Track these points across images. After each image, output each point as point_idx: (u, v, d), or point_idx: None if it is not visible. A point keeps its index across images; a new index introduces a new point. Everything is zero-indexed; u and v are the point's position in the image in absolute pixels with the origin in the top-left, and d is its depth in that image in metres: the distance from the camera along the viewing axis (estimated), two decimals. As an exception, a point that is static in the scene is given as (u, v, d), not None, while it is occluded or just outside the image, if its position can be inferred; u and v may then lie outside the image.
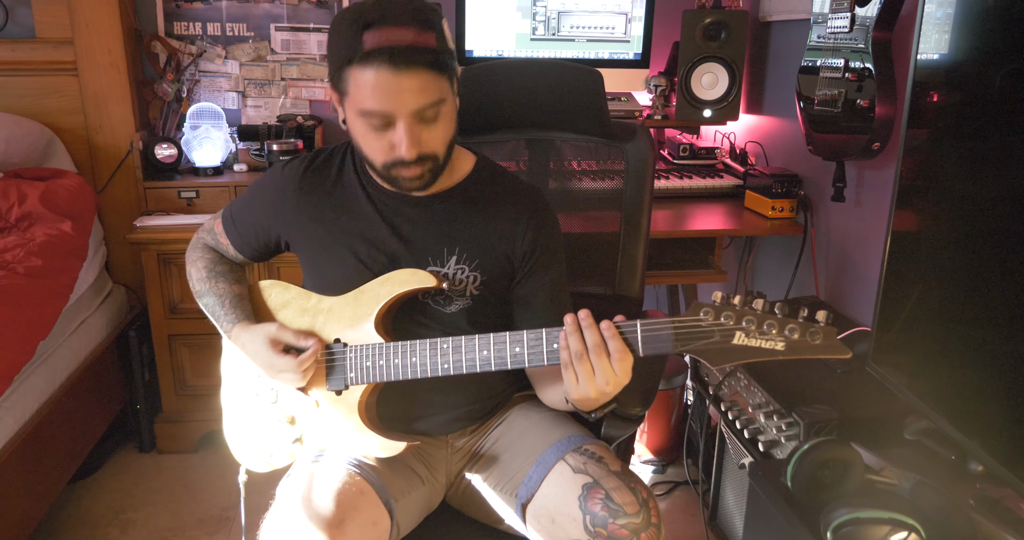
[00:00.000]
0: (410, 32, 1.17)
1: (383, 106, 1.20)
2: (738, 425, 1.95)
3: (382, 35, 1.16)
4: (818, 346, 1.07)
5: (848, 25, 1.96)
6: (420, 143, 1.24)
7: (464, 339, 1.27)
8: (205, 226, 1.57)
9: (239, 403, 1.52)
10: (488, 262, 1.40)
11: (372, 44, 1.16)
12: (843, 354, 1.07)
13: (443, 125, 1.27)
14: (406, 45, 1.17)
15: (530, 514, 1.36)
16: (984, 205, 1.31)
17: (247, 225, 1.49)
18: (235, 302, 1.46)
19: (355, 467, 1.32)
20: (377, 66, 1.17)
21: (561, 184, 1.84)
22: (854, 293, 2.23)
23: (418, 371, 1.30)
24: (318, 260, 1.43)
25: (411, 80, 1.19)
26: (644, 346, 1.15)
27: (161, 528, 2.28)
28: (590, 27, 2.74)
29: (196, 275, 1.52)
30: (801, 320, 1.08)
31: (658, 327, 1.14)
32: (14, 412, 1.94)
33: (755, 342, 1.09)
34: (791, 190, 2.38)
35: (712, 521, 2.21)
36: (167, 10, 2.79)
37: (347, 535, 1.22)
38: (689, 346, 1.12)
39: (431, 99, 1.21)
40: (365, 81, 1.19)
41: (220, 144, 2.73)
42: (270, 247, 1.51)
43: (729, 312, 1.10)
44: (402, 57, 1.16)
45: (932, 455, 1.52)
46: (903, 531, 1.26)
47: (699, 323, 1.11)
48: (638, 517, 1.25)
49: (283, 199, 1.43)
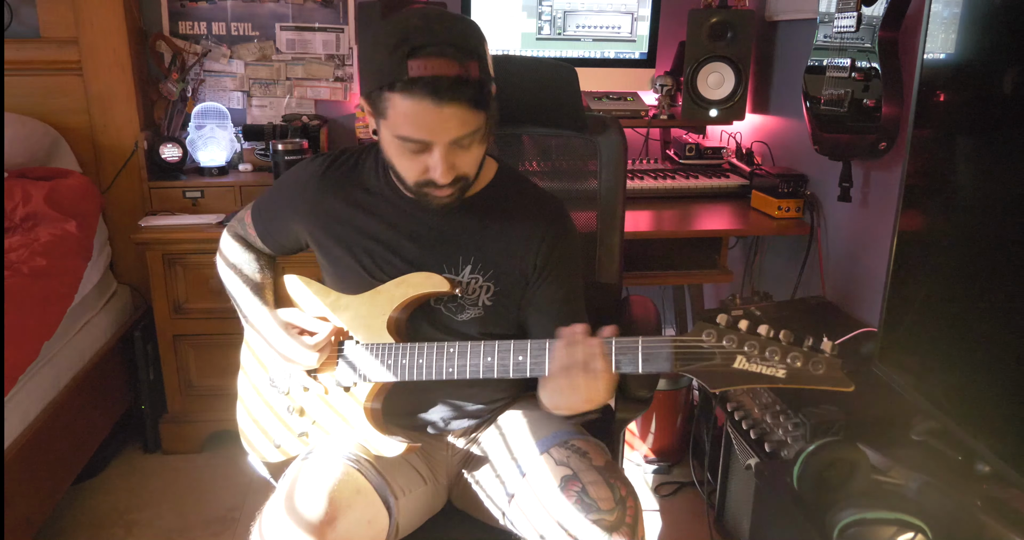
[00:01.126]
0: (455, 64, 1.15)
1: (422, 135, 1.21)
2: (744, 426, 1.94)
3: (427, 66, 1.15)
4: (820, 377, 1.06)
5: (855, 24, 1.95)
6: (455, 168, 1.26)
7: (470, 345, 1.29)
8: (238, 215, 1.61)
9: (254, 390, 1.54)
10: (502, 273, 1.41)
11: (416, 73, 1.15)
12: (845, 387, 1.06)
13: (477, 150, 1.28)
14: (451, 78, 1.15)
15: (513, 507, 1.37)
16: (991, 205, 1.30)
17: (271, 218, 1.53)
18: (257, 290, 1.50)
19: (354, 464, 1.33)
20: (420, 97, 1.16)
21: (538, 179, 1.84)
22: (860, 293, 2.22)
23: (423, 373, 1.32)
24: (334, 258, 1.45)
25: (452, 112, 1.18)
26: (644, 364, 1.15)
27: (166, 529, 2.28)
28: (596, 27, 2.74)
29: (223, 262, 1.57)
30: (806, 349, 1.07)
31: (659, 345, 1.14)
32: (19, 412, 1.94)
33: (756, 367, 1.08)
34: (797, 190, 2.38)
35: (718, 522, 2.21)
36: (172, 9, 2.80)
37: (339, 532, 1.22)
38: (689, 367, 1.12)
39: (469, 130, 1.22)
40: (406, 109, 1.18)
41: (225, 144, 2.73)
42: (291, 241, 1.54)
43: (732, 335, 1.09)
44: (446, 91, 1.16)
45: (939, 456, 1.51)
46: (910, 532, 1.26)
47: (700, 344, 1.11)
48: (612, 514, 1.24)
49: (304, 195, 1.46)
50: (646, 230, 2.30)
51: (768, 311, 2.09)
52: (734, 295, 2.31)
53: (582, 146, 1.78)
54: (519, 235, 1.41)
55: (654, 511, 2.40)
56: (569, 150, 1.81)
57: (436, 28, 1.18)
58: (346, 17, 2.85)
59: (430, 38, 1.16)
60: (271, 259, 1.60)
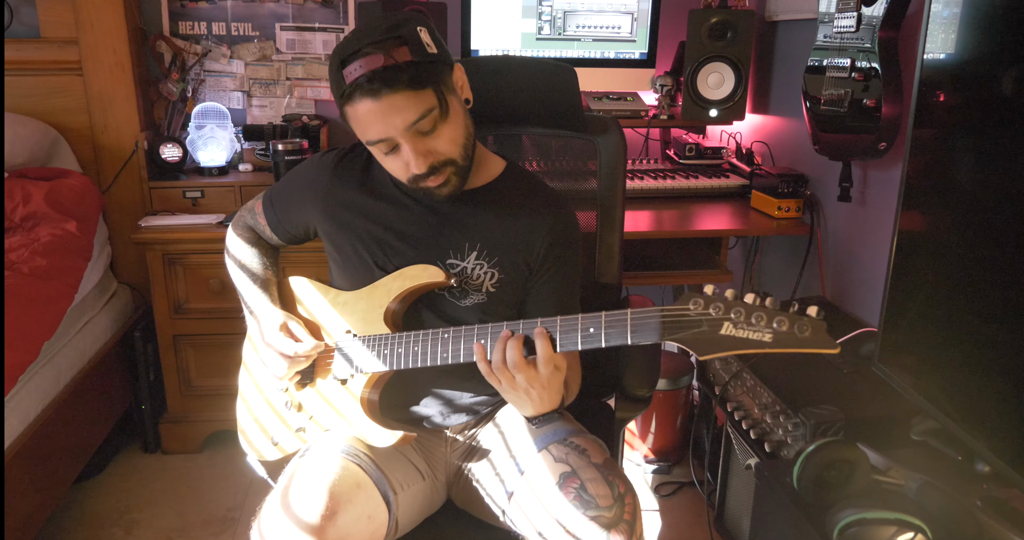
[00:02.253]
0: (380, 56, 1.20)
1: (378, 133, 1.26)
2: (744, 425, 1.94)
3: (357, 67, 1.21)
4: (806, 339, 1.06)
5: (855, 24, 1.95)
6: (428, 154, 1.29)
7: (464, 329, 1.30)
8: (248, 205, 1.63)
9: (254, 385, 1.55)
10: (507, 260, 1.43)
11: (351, 78, 1.21)
12: (831, 349, 1.06)
13: (447, 129, 1.29)
14: (379, 69, 1.20)
15: (513, 505, 1.37)
16: (991, 205, 1.30)
17: (282, 207, 1.56)
18: (264, 285, 1.54)
19: (352, 459, 1.33)
20: (360, 98, 1.22)
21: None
22: (860, 293, 2.23)
23: (418, 360, 1.33)
24: (342, 245, 1.48)
25: (392, 101, 1.22)
26: (633, 335, 1.16)
27: (166, 528, 2.28)
28: (596, 27, 2.74)
29: (232, 252, 1.60)
30: (791, 313, 1.07)
31: (646, 316, 1.15)
32: (19, 412, 1.94)
33: (742, 333, 1.09)
34: (797, 190, 2.38)
35: (718, 522, 2.21)
36: (172, 9, 2.80)
37: (340, 528, 1.22)
38: (676, 335, 1.12)
39: (419, 112, 1.24)
40: (356, 115, 1.25)
41: (225, 144, 2.74)
42: (301, 231, 1.56)
43: (719, 303, 1.10)
44: (377, 82, 1.20)
45: (939, 456, 1.51)
46: (909, 532, 1.26)
47: (687, 312, 1.12)
48: (610, 511, 1.25)
49: (317, 183, 1.49)
50: (646, 230, 2.30)
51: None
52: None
53: (582, 146, 1.79)
54: (525, 225, 1.43)
55: (654, 511, 2.40)
56: (569, 150, 1.81)
57: (363, 33, 1.24)
58: (346, 17, 2.86)
59: (356, 44, 1.22)
60: (276, 254, 1.62)
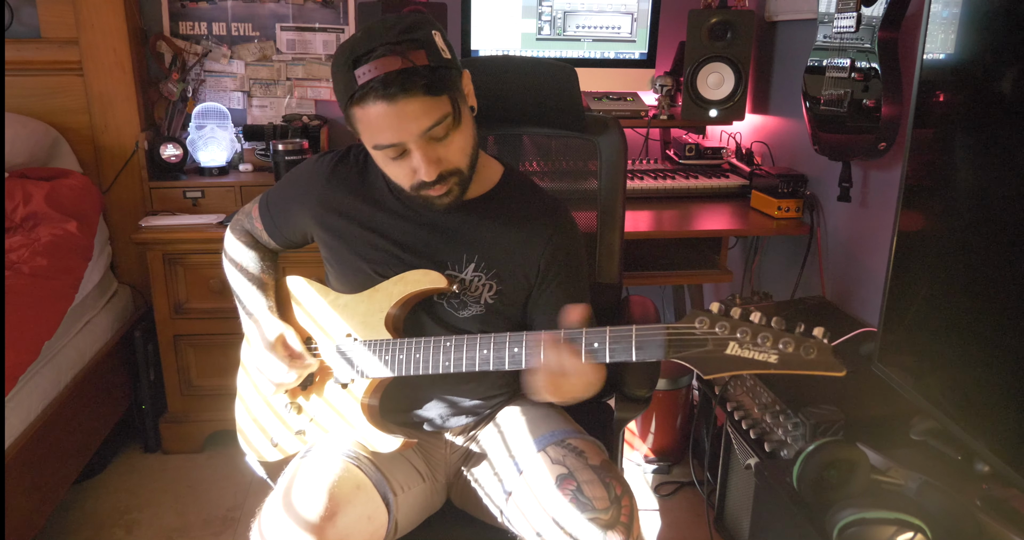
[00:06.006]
0: (397, 59, 1.17)
1: (390, 138, 1.22)
2: (744, 425, 1.94)
3: (371, 68, 1.17)
4: (812, 361, 1.06)
5: (854, 25, 1.95)
6: (439, 162, 1.26)
7: (467, 338, 1.29)
8: (245, 209, 1.62)
9: (253, 387, 1.55)
10: (505, 272, 1.41)
11: (364, 79, 1.18)
12: (837, 371, 1.06)
13: (458, 137, 1.27)
14: (396, 72, 1.17)
15: (511, 505, 1.37)
16: (991, 205, 1.30)
17: (279, 212, 1.54)
18: (261, 289, 1.52)
19: (353, 461, 1.33)
20: (373, 101, 1.18)
21: (538, 179, 1.85)
22: (860, 293, 2.23)
23: (420, 367, 1.32)
24: (339, 252, 1.46)
25: (408, 106, 1.19)
26: (638, 352, 1.15)
27: (166, 528, 2.28)
28: (596, 27, 2.74)
29: (229, 261, 1.58)
30: (797, 334, 1.07)
31: (652, 333, 1.15)
32: (19, 412, 1.94)
33: (748, 353, 1.09)
34: (797, 190, 2.38)
35: (718, 522, 2.21)
36: (172, 10, 2.80)
37: (339, 529, 1.22)
38: (682, 353, 1.12)
39: (434, 119, 1.22)
40: (366, 117, 1.21)
41: (225, 144, 2.74)
42: (298, 236, 1.55)
43: (724, 322, 1.10)
44: (394, 86, 1.17)
45: (938, 455, 1.51)
46: (909, 531, 1.26)
47: (693, 331, 1.11)
48: (607, 513, 1.25)
49: (312, 188, 1.47)
50: (646, 230, 2.30)
51: (768, 311, 2.08)
52: (734, 295, 2.30)
53: (582, 146, 1.78)
54: (523, 237, 1.41)
55: (654, 511, 2.40)
56: (569, 150, 1.81)
57: (376, 33, 1.20)
58: (346, 17, 2.86)
59: (370, 44, 1.19)
60: (274, 257, 1.60)
